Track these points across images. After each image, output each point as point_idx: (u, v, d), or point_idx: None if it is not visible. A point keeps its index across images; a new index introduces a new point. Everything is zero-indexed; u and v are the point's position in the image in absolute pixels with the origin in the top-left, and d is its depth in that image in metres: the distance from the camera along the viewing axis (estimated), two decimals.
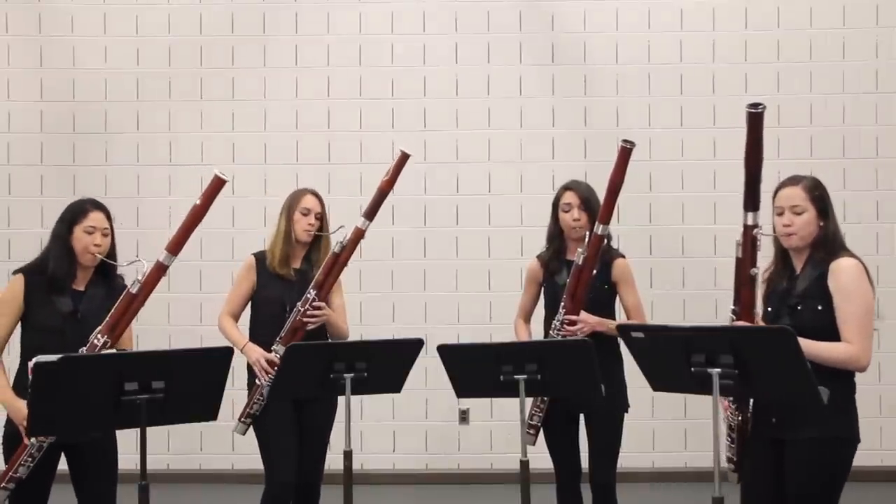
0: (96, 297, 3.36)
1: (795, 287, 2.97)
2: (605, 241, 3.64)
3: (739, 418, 3.10)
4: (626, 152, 3.55)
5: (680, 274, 5.75)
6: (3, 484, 3.18)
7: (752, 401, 3.06)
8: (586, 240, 3.60)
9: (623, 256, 3.80)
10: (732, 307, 3.05)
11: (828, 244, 2.95)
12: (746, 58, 5.77)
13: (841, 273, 2.88)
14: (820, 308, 2.89)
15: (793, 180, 3.01)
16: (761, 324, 3.00)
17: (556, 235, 3.80)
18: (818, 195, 2.97)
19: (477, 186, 5.81)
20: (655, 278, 5.60)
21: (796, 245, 2.97)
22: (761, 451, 3.01)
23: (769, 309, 3.04)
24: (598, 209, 3.63)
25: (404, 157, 3.73)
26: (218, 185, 3.35)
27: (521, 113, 5.84)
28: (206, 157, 5.79)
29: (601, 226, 3.56)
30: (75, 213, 3.35)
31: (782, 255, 3.07)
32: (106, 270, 3.40)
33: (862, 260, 2.94)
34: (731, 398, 3.05)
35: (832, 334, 2.87)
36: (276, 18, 5.86)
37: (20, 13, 5.88)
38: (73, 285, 3.33)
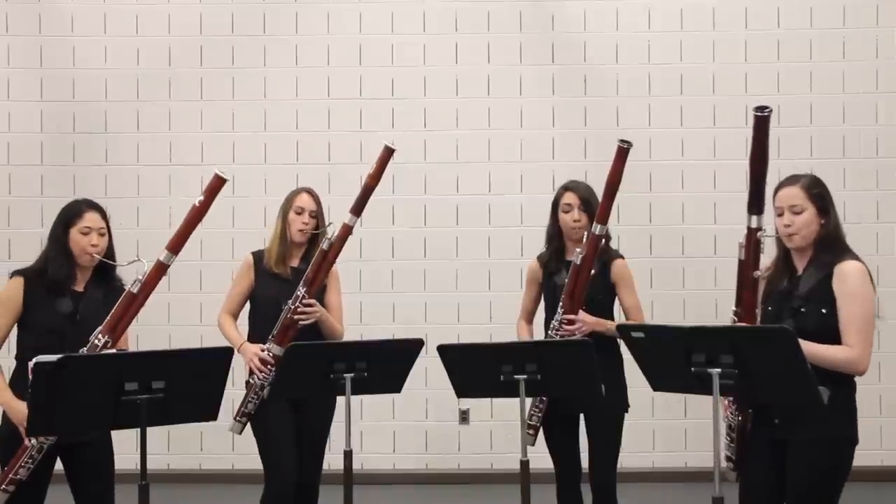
0: (95, 298, 3.35)
1: (798, 288, 2.95)
2: (604, 240, 3.63)
3: (739, 418, 3.10)
4: (623, 152, 3.56)
5: (680, 274, 5.75)
6: (4, 486, 3.16)
7: None
8: (584, 240, 3.60)
9: (622, 257, 3.80)
10: (734, 308, 3.05)
11: (831, 244, 2.94)
12: (746, 58, 5.76)
13: (847, 276, 2.86)
14: (824, 311, 2.87)
15: (791, 180, 3.01)
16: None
17: (556, 236, 3.81)
18: (817, 193, 2.96)
19: (477, 186, 5.81)
20: (655, 278, 5.59)
21: (799, 245, 2.96)
22: (762, 450, 3.00)
23: (769, 309, 3.02)
24: (597, 209, 3.62)
25: (388, 152, 3.69)
26: (218, 184, 3.35)
27: (521, 113, 5.83)
28: (206, 157, 5.78)
29: (599, 225, 3.56)
30: (70, 215, 3.35)
31: (784, 255, 3.05)
32: (105, 271, 3.40)
33: (865, 262, 2.93)
34: (731, 398, 3.05)
35: (835, 337, 2.85)
36: (276, 18, 5.86)
37: (20, 13, 5.88)
38: (73, 287, 3.33)
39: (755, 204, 2.97)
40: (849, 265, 2.88)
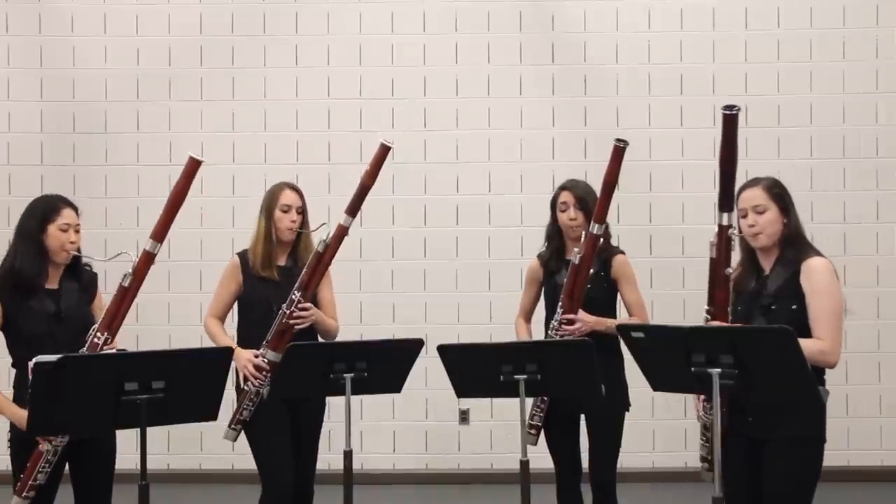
0: (72, 292, 3.32)
1: (766, 287, 3.02)
2: (603, 238, 3.63)
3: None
4: (619, 151, 3.56)
5: (680, 274, 5.75)
6: (25, 493, 3.13)
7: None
8: (582, 239, 3.60)
9: (622, 253, 3.80)
10: (707, 307, 3.09)
11: (794, 242, 3.02)
12: (746, 58, 5.76)
13: (814, 272, 2.94)
14: (794, 307, 2.94)
15: (752, 182, 3.10)
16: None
17: (555, 235, 3.81)
18: (778, 193, 3.05)
19: (477, 186, 5.81)
20: (655, 278, 5.59)
21: (764, 244, 3.04)
22: (737, 449, 3.03)
23: (739, 309, 3.07)
24: (595, 208, 3.62)
25: (384, 150, 3.64)
26: (193, 166, 3.30)
27: (521, 113, 5.83)
28: (206, 156, 5.69)
29: (596, 225, 3.56)
30: (48, 211, 3.29)
31: (750, 256, 3.13)
32: (73, 264, 3.35)
33: (829, 258, 3.01)
34: (704, 396, 3.06)
35: (806, 333, 2.90)
36: (276, 18, 5.86)
37: (20, 13, 5.88)
38: (46, 284, 3.28)
39: (725, 202, 3.03)
40: (815, 261, 2.96)
